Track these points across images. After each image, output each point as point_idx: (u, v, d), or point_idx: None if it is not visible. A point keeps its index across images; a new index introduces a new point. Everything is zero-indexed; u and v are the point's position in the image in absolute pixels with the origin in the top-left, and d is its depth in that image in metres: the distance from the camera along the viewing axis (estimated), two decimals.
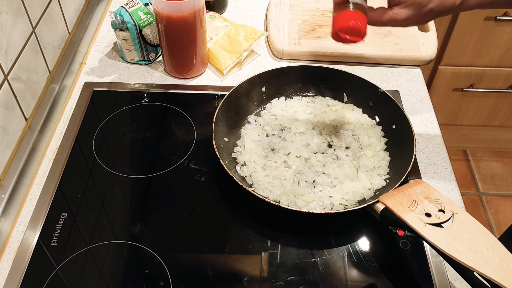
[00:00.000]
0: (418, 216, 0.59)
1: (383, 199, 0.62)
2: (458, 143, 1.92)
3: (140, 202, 0.74)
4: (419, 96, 0.93)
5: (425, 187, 0.63)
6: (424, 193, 0.62)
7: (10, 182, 0.74)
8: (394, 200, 0.62)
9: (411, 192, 0.63)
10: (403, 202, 0.61)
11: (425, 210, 0.60)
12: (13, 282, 0.64)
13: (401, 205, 0.61)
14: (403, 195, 0.62)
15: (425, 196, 0.62)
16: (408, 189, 0.63)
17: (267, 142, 0.80)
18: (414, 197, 0.62)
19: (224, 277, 0.66)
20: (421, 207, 0.60)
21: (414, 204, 0.61)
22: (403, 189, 0.64)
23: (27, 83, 0.81)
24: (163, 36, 0.88)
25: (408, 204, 0.61)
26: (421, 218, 0.58)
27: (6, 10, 0.73)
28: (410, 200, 0.61)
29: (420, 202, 0.61)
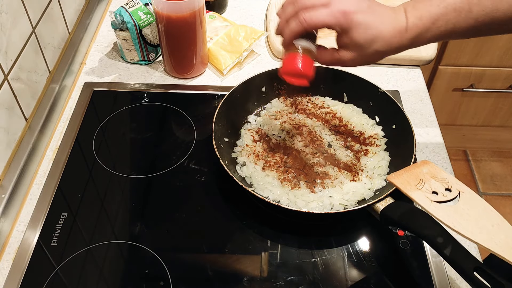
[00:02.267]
0: (424, 194, 0.59)
1: (391, 178, 0.63)
2: (458, 143, 1.92)
3: (140, 202, 0.74)
4: (419, 96, 0.92)
5: (432, 167, 0.64)
6: (431, 172, 0.63)
7: (10, 182, 0.74)
8: (402, 179, 0.62)
9: (418, 172, 0.63)
10: (411, 181, 0.61)
11: (432, 188, 0.60)
12: (13, 282, 0.64)
13: (408, 183, 0.61)
14: (410, 174, 0.63)
15: (432, 175, 0.62)
16: (416, 169, 0.63)
17: (267, 142, 0.80)
18: (421, 176, 0.62)
19: (224, 277, 0.66)
20: (428, 186, 0.60)
21: (421, 182, 0.61)
22: (410, 169, 0.64)
23: (27, 83, 0.81)
24: (163, 36, 0.88)
25: (415, 183, 0.61)
26: (427, 196, 0.59)
27: (6, 10, 0.73)
28: (417, 179, 0.62)
29: (427, 181, 0.61)
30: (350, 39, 0.60)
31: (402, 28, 0.60)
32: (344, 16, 0.59)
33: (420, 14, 0.60)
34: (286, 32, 0.62)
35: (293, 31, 0.61)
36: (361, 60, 0.63)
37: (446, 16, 0.59)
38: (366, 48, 0.61)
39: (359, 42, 0.60)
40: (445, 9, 0.59)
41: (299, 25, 0.60)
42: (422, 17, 0.60)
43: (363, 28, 0.59)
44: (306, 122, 0.83)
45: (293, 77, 0.66)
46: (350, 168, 0.76)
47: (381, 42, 0.60)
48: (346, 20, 0.59)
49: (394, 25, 0.60)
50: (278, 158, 0.77)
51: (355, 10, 0.59)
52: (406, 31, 0.60)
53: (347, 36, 0.60)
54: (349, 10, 0.59)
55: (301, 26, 0.60)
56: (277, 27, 0.65)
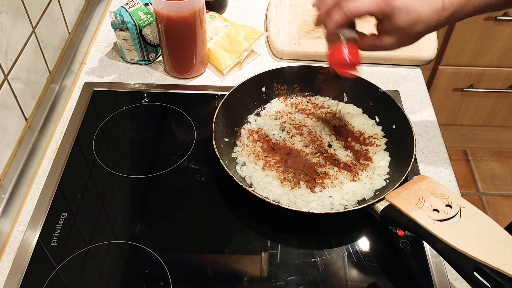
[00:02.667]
0: (426, 213, 0.59)
1: (390, 198, 0.62)
2: (458, 143, 1.92)
3: (140, 202, 0.74)
4: (419, 96, 0.93)
5: (429, 182, 0.63)
6: (430, 188, 0.62)
7: (10, 182, 0.74)
8: (401, 198, 0.62)
9: (416, 189, 0.63)
10: (410, 199, 0.61)
11: (433, 206, 0.60)
12: (13, 282, 0.64)
13: (408, 203, 0.61)
14: (409, 192, 0.62)
15: (430, 191, 0.62)
16: (414, 186, 0.63)
17: (267, 142, 0.80)
18: (420, 193, 0.62)
19: (224, 277, 0.66)
20: (428, 203, 0.60)
21: (421, 201, 0.61)
22: (408, 186, 0.63)
23: (27, 83, 0.81)
24: (163, 36, 0.88)
25: (415, 201, 0.61)
26: (429, 215, 0.58)
27: (6, 10, 0.73)
28: (416, 197, 0.61)
29: (427, 198, 0.61)
30: (392, 25, 0.62)
31: (439, 7, 0.62)
32: (386, 3, 0.60)
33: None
34: (329, 24, 0.63)
35: (337, 22, 0.62)
36: (402, 43, 0.65)
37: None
38: (407, 32, 0.62)
39: (401, 27, 0.62)
40: None
41: (343, 16, 0.61)
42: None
43: (404, 12, 0.61)
44: (306, 122, 0.83)
45: (342, 67, 0.67)
46: (350, 168, 0.76)
47: (422, 24, 0.62)
48: (388, 6, 0.61)
49: (431, 5, 0.61)
50: (278, 158, 0.77)
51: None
52: (443, 10, 0.62)
53: (389, 22, 0.62)
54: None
55: (346, 17, 0.61)
56: (318, 19, 0.65)
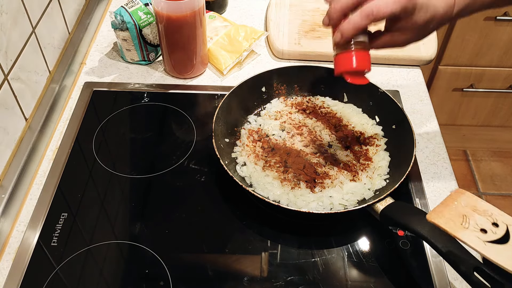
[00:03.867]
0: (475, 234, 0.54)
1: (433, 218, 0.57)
2: (458, 143, 1.92)
3: (140, 202, 0.74)
4: (419, 96, 0.92)
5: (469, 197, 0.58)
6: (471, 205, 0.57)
7: (10, 182, 0.74)
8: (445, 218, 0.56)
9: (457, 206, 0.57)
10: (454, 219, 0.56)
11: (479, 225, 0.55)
12: (13, 282, 0.64)
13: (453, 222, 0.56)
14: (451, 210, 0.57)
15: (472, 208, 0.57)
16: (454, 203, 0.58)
17: (267, 142, 0.80)
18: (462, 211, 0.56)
19: (224, 277, 0.66)
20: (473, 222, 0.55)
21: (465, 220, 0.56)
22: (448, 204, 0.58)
23: (27, 83, 0.81)
24: (163, 36, 0.88)
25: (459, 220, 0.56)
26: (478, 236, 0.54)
27: (6, 10, 0.73)
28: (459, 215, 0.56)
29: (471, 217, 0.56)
30: (411, 22, 0.60)
31: (451, 3, 0.61)
32: (409, 0, 0.58)
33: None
34: (347, 28, 0.59)
35: (356, 26, 0.58)
36: (416, 39, 0.64)
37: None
38: (423, 28, 0.62)
39: (420, 24, 0.61)
40: None
41: (364, 20, 0.58)
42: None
43: (424, 10, 0.60)
44: (306, 122, 0.83)
45: (353, 76, 0.63)
46: (350, 168, 0.76)
47: (437, 20, 0.61)
48: (410, 4, 0.59)
49: (446, 1, 0.61)
50: (278, 158, 0.77)
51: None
52: (454, 5, 0.61)
53: (409, 19, 0.60)
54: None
55: (368, 20, 0.58)
56: (329, 18, 0.61)
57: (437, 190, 0.77)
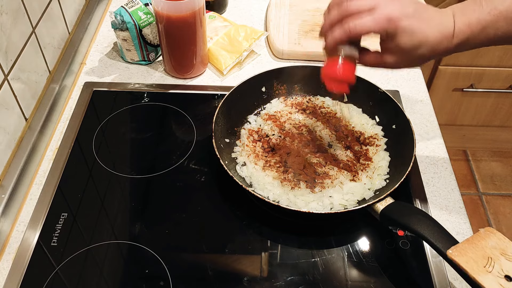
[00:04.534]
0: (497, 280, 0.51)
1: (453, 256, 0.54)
2: (458, 143, 1.92)
3: (140, 202, 0.74)
4: (419, 96, 0.93)
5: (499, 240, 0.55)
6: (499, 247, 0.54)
7: (10, 182, 0.74)
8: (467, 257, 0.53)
9: (484, 246, 0.54)
10: (478, 260, 0.53)
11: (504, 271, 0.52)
12: (13, 282, 0.64)
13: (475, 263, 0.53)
14: (476, 250, 0.54)
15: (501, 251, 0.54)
16: (481, 242, 0.55)
17: (267, 142, 0.80)
18: (489, 253, 0.54)
19: (224, 277, 0.66)
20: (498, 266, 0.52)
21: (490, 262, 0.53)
22: (475, 242, 0.55)
23: (27, 83, 0.81)
24: (163, 36, 0.88)
25: (483, 262, 0.53)
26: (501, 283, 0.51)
27: (6, 10, 0.73)
28: (485, 257, 0.53)
29: (497, 260, 0.53)
30: (395, 45, 0.59)
31: (449, 34, 0.58)
32: (389, 22, 0.58)
33: (469, 20, 0.58)
34: (329, 39, 0.61)
35: (336, 38, 0.60)
36: (405, 64, 0.62)
37: (497, 24, 0.57)
38: (411, 53, 0.60)
39: (405, 48, 0.59)
40: (497, 17, 0.57)
41: (343, 34, 0.59)
42: (470, 24, 0.58)
43: (409, 34, 0.58)
44: (306, 122, 0.83)
45: (333, 83, 0.65)
46: (350, 168, 0.76)
47: (427, 47, 0.59)
48: (391, 26, 0.58)
49: (440, 31, 0.58)
50: (278, 158, 0.77)
51: (400, 15, 0.57)
52: (452, 37, 0.58)
53: (392, 41, 0.59)
54: (394, 16, 0.57)
55: (346, 35, 0.59)
56: (321, 30, 0.63)
57: (437, 190, 0.77)
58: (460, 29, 0.58)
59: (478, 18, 0.57)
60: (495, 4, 0.57)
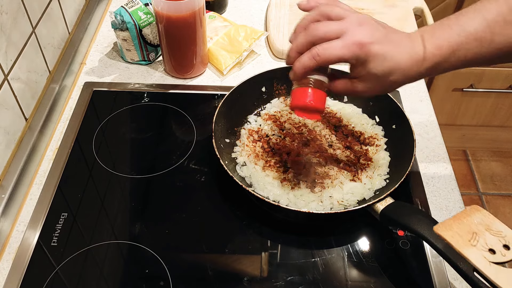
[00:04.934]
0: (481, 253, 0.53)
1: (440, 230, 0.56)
2: (458, 143, 1.92)
3: (140, 202, 0.74)
4: (419, 96, 0.93)
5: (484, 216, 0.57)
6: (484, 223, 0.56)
7: (10, 182, 0.74)
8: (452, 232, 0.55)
9: (470, 222, 0.56)
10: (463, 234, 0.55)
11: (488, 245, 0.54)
12: (13, 282, 0.64)
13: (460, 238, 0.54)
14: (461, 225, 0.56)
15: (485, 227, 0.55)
16: (467, 218, 0.57)
17: (267, 142, 0.80)
18: (473, 228, 0.55)
19: (224, 277, 0.66)
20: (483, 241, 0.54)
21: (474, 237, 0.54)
22: (460, 218, 0.57)
23: (27, 83, 0.81)
24: (163, 36, 0.88)
25: (468, 237, 0.54)
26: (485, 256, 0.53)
27: (6, 10, 0.73)
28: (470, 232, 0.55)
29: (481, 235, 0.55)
30: (366, 71, 0.57)
31: (420, 58, 0.57)
32: (360, 48, 0.55)
33: (439, 43, 0.56)
34: (297, 66, 0.59)
35: (305, 66, 0.58)
36: (377, 90, 0.60)
37: (467, 45, 0.56)
38: (382, 79, 0.58)
39: (376, 74, 0.57)
40: (466, 38, 0.56)
41: (312, 60, 0.57)
42: (441, 47, 0.56)
43: (380, 60, 0.56)
44: (306, 122, 0.83)
45: (304, 112, 0.63)
46: (350, 168, 0.76)
47: (398, 73, 0.57)
48: (362, 52, 0.56)
49: (411, 55, 0.57)
50: (278, 158, 0.77)
51: (371, 40, 0.56)
52: (423, 61, 0.57)
53: (363, 67, 0.57)
54: (365, 41, 0.55)
55: (314, 62, 0.57)
56: (288, 56, 0.61)
57: (437, 190, 0.77)
58: (430, 52, 0.57)
59: (449, 41, 0.56)
60: (463, 26, 0.56)
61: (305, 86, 0.61)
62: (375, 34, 0.56)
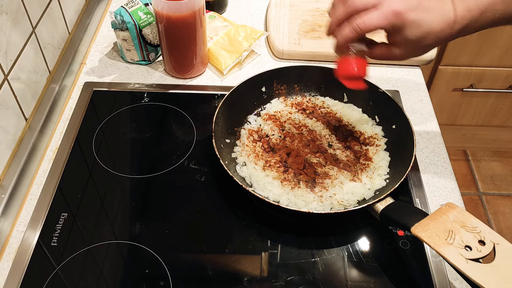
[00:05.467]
0: (458, 251, 0.54)
1: (417, 231, 0.57)
2: (458, 143, 1.92)
3: (140, 202, 0.74)
4: (419, 96, 0.93)
5: (459, 213, 0.58)
6: (459, 220, 0.57)
7: (10, 182, 0.74)
8: (429, 232, 0.56)
9: (445, 220, 0.57)
10: (439, 233, 0.56)
11: (464, 242, 0.55)
12: (13, 282, 0.64)
13: (437, 237, 0.55)
14: (437, 224, 0.57)
15: (461, 224, 0.56)
16: (442, 217, 0.58)
17: (267, 142, 0.80)
18: (449, 226, 0.56)
19: (224, 277, 0.66)
20: (459, 238, 0.55)
21: (451, 235, 0.55)
22: (436, 217, 0.58)
23: (27, 83, 0.81)
24: (163, 36, 0.88)
25: (444, 235, 0.55)
26: (461, 253, 0.53)
27: (6, 10, 0.73)
28: (446, 230, 0.56)
29: (457, 233, 0.56)
30: (402, 37, 0.61)
31: (451, 21, 0.60)
32: (396, 17, 0.59)
33: (468, 6, 0.60)
34: (339, 38, 0.63)
35: (347, 37, 0.62)
36: (412, 54, 0.64)
37: (494, 6, 0.60)
38: (417, 44, 0.62)
39: (412, 40, 0.61)
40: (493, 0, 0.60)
41: (353, 32, 0.61)
42: (470, 9, 0.60)
43: (415, 26, 0.60)
44: (306, 122, 0.83)
45: (350, 81, 0.67)
46: (350, 168, 0.76)
47: (432, 37, 0.61)
48: (399, 20, 0.59)
49: (443, 18, 0.60)
50: (278, 158, 0.77)
51: (406, 8, 0.59)
52: (454, 23, 0.61)
53: (399, 34, 0.61)
54: (400, 10, 0.59)
55: (355, 33, 0.61)
56: (329, 28, 0.64)
57: (437, 190, 0.77)
58: (460, 15, 0.60)
59: (477, 2, 0.60)
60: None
61: (345, 56, 0.66)
62: (409, 2, 0.60)
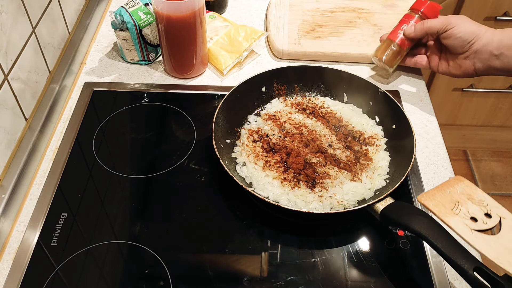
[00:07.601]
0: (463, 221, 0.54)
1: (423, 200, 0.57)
2: (458, 143, 1.92)
3: (140, 202, 0.74)
4: (419, 96, 0.93)
5: (467, 186, 0.58)
6: (467, 193, 0.57)
7: (10, 182, 0.74)
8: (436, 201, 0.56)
9: (452, 192, 0.57)
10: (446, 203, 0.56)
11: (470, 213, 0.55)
12: (13, 282, 0.64)
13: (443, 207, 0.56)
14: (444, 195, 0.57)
15: (468, 196, 0.57)
16: (450, 188, 0.58)
17: (267, 142, 0.80)
18: (456, 197, 0.56)
19: (224, 277, 0.66)
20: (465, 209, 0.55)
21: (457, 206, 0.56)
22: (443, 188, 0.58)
23: (27, 83, 0.81)
24: (163, 36, 0.88)
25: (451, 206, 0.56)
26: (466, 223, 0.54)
27: (6, 10, 0.73)
28: (452, 201, 0.56)
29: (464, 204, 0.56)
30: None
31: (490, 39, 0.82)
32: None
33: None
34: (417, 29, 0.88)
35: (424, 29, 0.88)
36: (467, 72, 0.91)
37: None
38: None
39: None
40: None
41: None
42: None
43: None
44: (306, 122, 0.83)
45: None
46: (350, 168, 0.76)
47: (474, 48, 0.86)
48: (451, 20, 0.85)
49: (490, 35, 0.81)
50: (278, 158, 0.77)
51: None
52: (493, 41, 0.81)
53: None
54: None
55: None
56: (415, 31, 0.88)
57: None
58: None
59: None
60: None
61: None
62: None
